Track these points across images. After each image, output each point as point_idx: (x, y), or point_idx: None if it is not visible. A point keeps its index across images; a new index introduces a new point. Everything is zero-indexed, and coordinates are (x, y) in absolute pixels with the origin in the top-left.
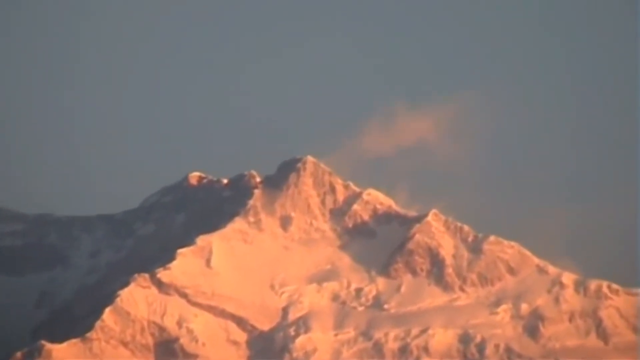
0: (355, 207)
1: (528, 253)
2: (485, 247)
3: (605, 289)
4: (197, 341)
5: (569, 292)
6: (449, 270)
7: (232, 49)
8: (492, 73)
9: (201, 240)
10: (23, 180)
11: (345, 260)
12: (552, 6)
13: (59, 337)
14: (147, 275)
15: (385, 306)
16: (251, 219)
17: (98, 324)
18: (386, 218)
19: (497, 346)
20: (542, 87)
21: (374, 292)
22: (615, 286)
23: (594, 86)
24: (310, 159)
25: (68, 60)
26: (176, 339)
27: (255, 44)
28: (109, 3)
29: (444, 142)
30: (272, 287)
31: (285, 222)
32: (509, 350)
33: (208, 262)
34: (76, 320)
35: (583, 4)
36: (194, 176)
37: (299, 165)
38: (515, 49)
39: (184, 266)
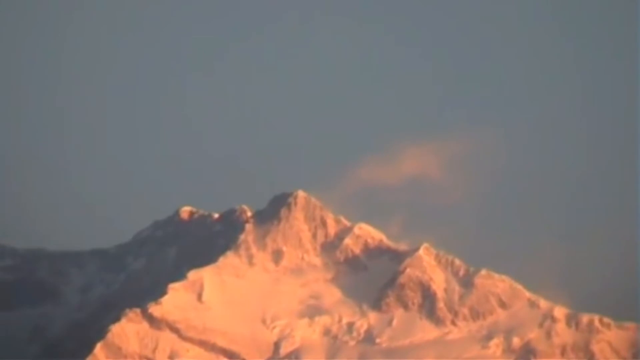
0: (347, 241)
1: (519, 287)
2: (477, 281)
3: (597, 323)
4: None
5: (561, 326)
6: (441, 304)
7: (222, 85)
8: (489, 107)
9: (193, 274)
10: (13, 214)
11: (336, 295)
12: (558, 36)
13: None
14: (138, 310)
15: (377, 340)
16: (242, 253)
17: (89, 359)
18: (377, 252)
19: None
20: (539, 122)
21: (365, 327)
22: (607, 320)
23: (592, 124)
24: (301, 193)
25: (58, 88)
26: None
27: (246, 77)
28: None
29: (435, 176)
30: (263, 321)
31: (276, 256)
32: None
33: (199, 296)
34: (68, 355)
35: (590, 39)
36: (185, 210)
37: (290, 199)
38: (513, 83)
39: (175, 301)
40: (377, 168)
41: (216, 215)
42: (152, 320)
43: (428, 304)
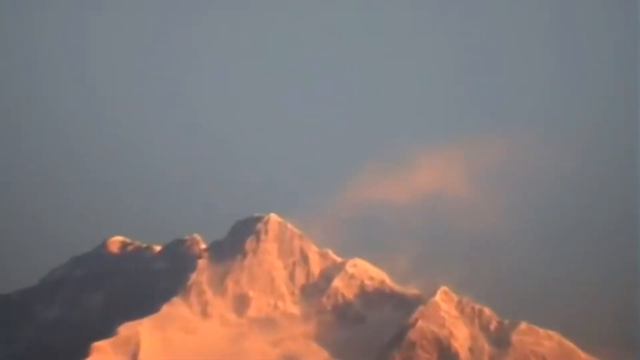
0: (337, 283)
1: (572, 346)
2: (514, 337)
3: None
4: None
5: None
6: None
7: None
8: (524, 110)
9: (125, 329)
10: None
11: (322, 356)
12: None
13: None
14: None
15: None
16: (194, 300)
17: None
18: (378, 298)
19: None
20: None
21: None
22: None
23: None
24: (274, 217)
25: None
26: None
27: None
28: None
29: (457, 193)
30: None
31: (240, 304)
32: None
33: (134, 358)
34: None
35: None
36: (115, 241)
37: (259, 225)
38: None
39: None
40: (378, 184)
41: (157, 248)
42: None
43: None
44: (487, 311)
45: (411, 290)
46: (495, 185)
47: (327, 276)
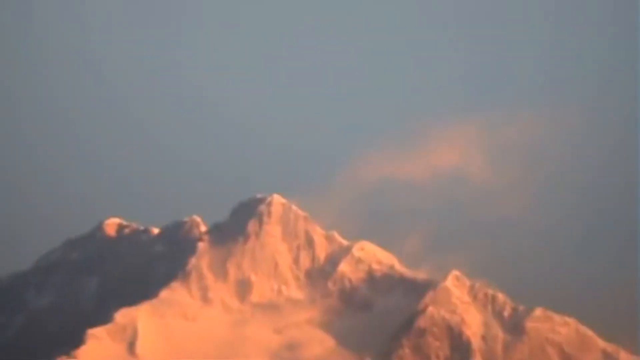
0: (343, 267)
1: (590, 333)
2: (529, 324)
3: None
4: None
5: None
6: (477, 357)
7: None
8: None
9: (122, 315)
10: None
11: (328, 344)
12: None
13: None
14: None
15: None
16: (193, 285)
17: None
18: (387, 283)
19: None
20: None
21: None
22: None
23: None
24: (277, 198)
25: None
26: None
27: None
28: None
29: (471, 172)
30: None
31: (242, 289)
32: None
33: (131, 346)
34: None
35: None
36: (111, 223)
37: (262, 207)
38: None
39: (97, 352)
40: (388, 162)
41: (155, 230)
42: None
43: (459, 357)
44: (500, 297)
45: (421, 274)
46: (516, 166)
47: (333, 260)
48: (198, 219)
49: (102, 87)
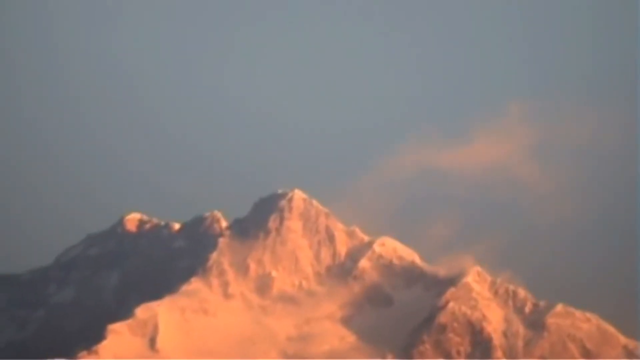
0: (364, 262)
1: (611, 329)
2: (550, 320)
3: None
4: None
5: None
6: (498, 353)
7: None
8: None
9: (142, 310)
10: None
11: (348, 339)
12: None
13: None
14: None
15: None
16: (214, 280)
17: None
18: (407, 278)
19: None
20: None
21: None
22: None
23: None
24: (298, 193)
25: None
26: None
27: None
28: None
29: (503, 167)
30: None
31: (262, 284)
32: None
33: (152, 342)
34: None
35: None
36: (132, 219)
37: (283, 202)
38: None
39: (117, 348)
40: (411, 157)
41: (176, 226)
42: None
43: (480, 353)
44: (521, 292)
45: (442, 270)
46: (552, 163)
47: (353, 256)
48: (219, 214)
49: (123, 83)
